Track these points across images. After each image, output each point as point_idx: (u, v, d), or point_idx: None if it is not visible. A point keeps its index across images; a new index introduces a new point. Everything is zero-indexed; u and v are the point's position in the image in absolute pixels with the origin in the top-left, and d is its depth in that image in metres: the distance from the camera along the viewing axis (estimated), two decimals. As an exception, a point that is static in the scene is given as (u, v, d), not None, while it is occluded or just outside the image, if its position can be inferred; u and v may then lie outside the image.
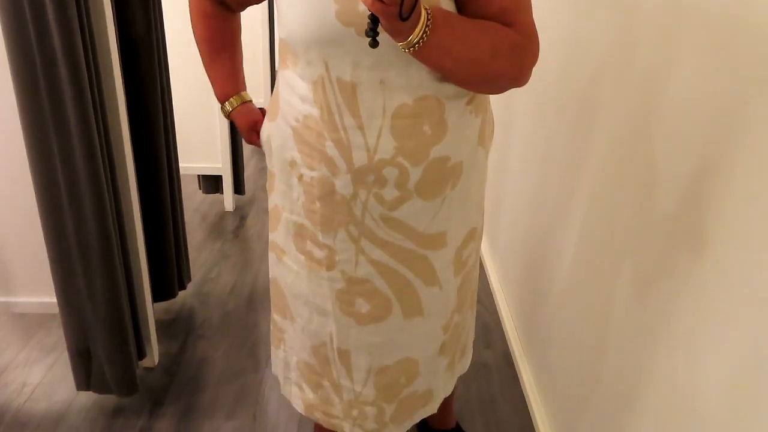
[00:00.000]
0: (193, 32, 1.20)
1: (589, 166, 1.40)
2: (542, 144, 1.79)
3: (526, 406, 1.78)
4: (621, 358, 1.19)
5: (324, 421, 1.30)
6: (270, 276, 1.28)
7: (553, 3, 1.70)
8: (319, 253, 1.10)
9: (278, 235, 1.17)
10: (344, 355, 1.18)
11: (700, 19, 0.95)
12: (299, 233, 1.11)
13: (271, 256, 1.23)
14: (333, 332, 1.16)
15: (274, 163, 1.13)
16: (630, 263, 1.17)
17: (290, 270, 1.17)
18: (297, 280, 1.16)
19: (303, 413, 1.32)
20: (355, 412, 1.24)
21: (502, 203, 2.23)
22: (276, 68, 2.80)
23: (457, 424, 1.64)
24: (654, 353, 1.05)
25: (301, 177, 1.06)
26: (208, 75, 1.22)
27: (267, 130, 1.13)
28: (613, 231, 1.25)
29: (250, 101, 1.24)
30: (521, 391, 1.84)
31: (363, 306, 1.12)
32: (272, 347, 1.36)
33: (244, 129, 1.22)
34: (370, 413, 1.24)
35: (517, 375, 1.90)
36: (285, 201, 1.12)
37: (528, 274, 1.91)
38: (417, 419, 1.31)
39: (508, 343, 2.04)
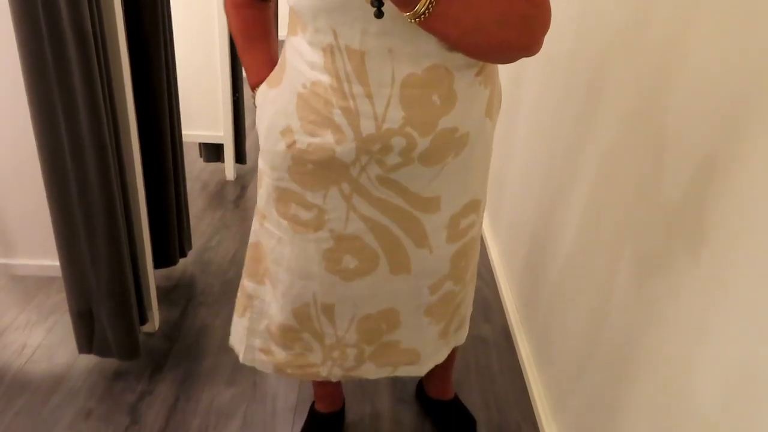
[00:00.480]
0: (228, 22, 1.18)
1: (595, 144, 1.40)
2: (549, 120, 1.78)
3: (523, 380, 1.79)
4: (616, 336, 1.20)
5: (297, 374, 1.30)
6: (251, 240, 1.26)
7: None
8: (305, 215, 1.09)
9: (260, 200, 1.17)
10: (328, 309, 1.19)
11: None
12: (282, 198, 1.11)
13: (255, 220, 1.23)
14: (316, 292, 1.17)
15: (261, 130, 1.12)
16: (631, 242, 1.17)
17: (271, 235, 1.17)
18: (278, 246, 1.16)
19: (272, 372, 1.32)
20: (336, 354, 1.26)
21: (506, 178, 2.22)
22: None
23: (456, 396, 1.65)
24: (649, 332, 1.06)
25: (292, 143, 1.04)
26: (243, 63, 1.19)
27: (265, 95, 1.11)
28: (616, 210, 1.25)
29: None
30: (519, 364, 1.85)
31: (351, 262, 1.12)
32: (235, 316, 1.34)
33: None
34: (350, 353, 1.26)
35: (515, 349, 1.92)
36: (267, 166, 1.11)
37: (529, 250, 1.91)
38: (400, 372, 1.31)
39: (507, 318, 2.05)
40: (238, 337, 1.34)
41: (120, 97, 1.53)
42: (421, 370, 1.33)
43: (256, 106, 1.16)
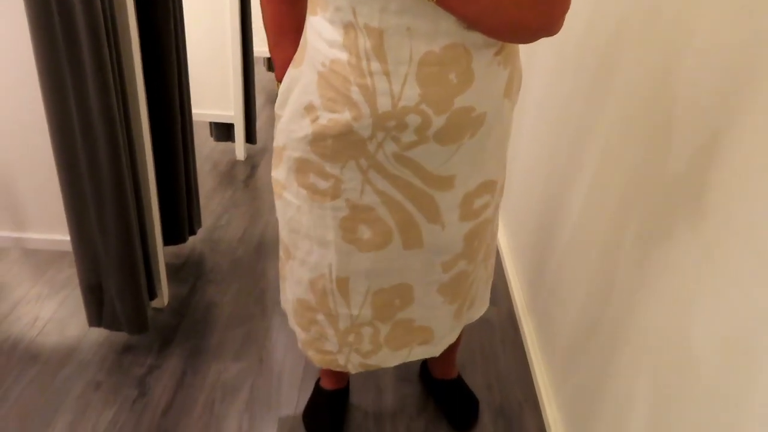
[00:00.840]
0: (262, 15, 1.19)
1: (602, 128, 1.40)
2: (559, 103, 1.77)
3: (526, 361, 1.81)
4: (614, 315, 1.21)
5: (317, 359, 1.34)
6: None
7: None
8: (323, 184, 1.11)
9: (280, 172, 1.19)
10: (342, 283, 1.21)
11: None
12: (301, 168, 1.13)
13: (275, 194, 1.26)
14: (333, 262, 1.18)
15: (285, 109, 1.14)
16: (634, 226, 1.17)
17: (290, 205, 1.19)
18: (297, 215, 1.18)
19: (300, 347, 1.36)
20: (351, 338, 1.28)
21: (515, 162, 2.22)
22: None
23: (459, 376, 1.67)
24: (646, 309, 1.06)
25: (316, 119, 1.06)
26: (272, 57, 1.21)
27: (288, 74, 1.13)
28: (620, 194, 1.25)
29: None
30: (522, 346, 1.87)
31: (365, 233, 1.14)
32: (280, 281, 1.38)
33: None
34: (366, 334, 1.27)
35: (519, 332, 1.93)
36: (289, 140, 1.13)
37: (536, 235, 1.92)
38: (415, 355, 1.34)
39: (513, 301, 2.06)
40: (286, 304, 1.39)
41: (130, 74, 1.54)
42: (435, 350, 1.35)
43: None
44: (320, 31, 1.01)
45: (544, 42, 1.92)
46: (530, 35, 0.95)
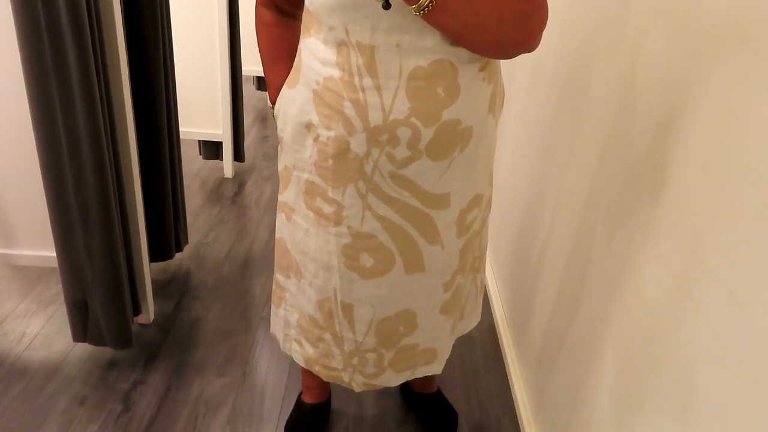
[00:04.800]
0: (257, 40, 1.24)
1: (577, 147, 1.45)
2: (536, 119, 1.82)
3: (506, 375, 1.84)
4: (584, 323, 1.25)
5: (323, 374, 1.37)
6: (276, 236, 1.33)
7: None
8: (327, 209, 1.15)
9: (289, 194, 1.23)
10: (347, 309, 1.24)
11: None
12: (309, 190, 1.17)
13: (280, 216, 1.29)
14: (337, 287, 1.22)
15: (287, 129, 1.18)
16: (603, 248, 1.21)
17: (299, 227, 1.22)
18: (305, 237, 1.22)
19: (304, 366, 1.39)
20: (355, 360, 1.31)
21: (496, 176, 2.27)
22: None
23: (439, 390, 1.70)
24: (616, 321, 1.10)
25: (317, 137, 1.11)
26: (267, 79, 1.25)
27: (285, 95, 1.17)
28: (591, 212, 1.30)
29: None
30: (502, 361, 1.90)
31: (367, 261, 1.18)
32: (273, 306, 1.42)
33: None
34: (370, 359, 1.31)
35: (499, 345, 1.96)
36: (296, 160, 1.17)
37: (515, 249, 1.96)
38: (419, 374, 1.37)
39: (493, 315, 2.10)
40: (279, 326, 1.42)
41: (117, 92, 1.58)
42: (439, 368, 1.39)
43: (275, 118, 1.22)
44: (315, 52, 1.06)
45: (522, 62, 1.98)
46: (511, 50, 1.01)
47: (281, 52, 1.23)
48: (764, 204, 0.73)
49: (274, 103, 1.23)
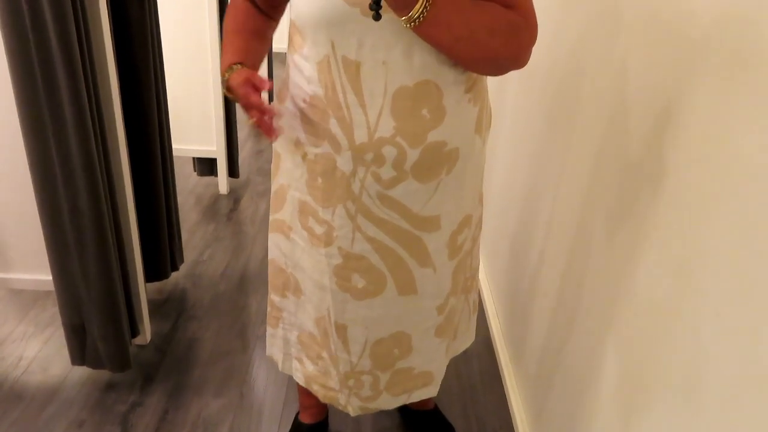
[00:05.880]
0: (225, 17, 1.18)
1: (570, 160, 1.46)
2: (529, 137, 1.84)
3: (503, 390, 1.85)
4: (580, 337, 1.26)
5: (321, 394, 1.37)
6: (269, 257, 1.33)
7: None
8: (319, 230, 1.16)
9: (285, 213, 1.23)
10: (341, 329, 1.24)
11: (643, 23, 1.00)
12: (303, 210, 1.17)
13: (273, 237, 1.29)
14: (330, 307, 1.22)
15: (280, 143, 1.18)
16: (599, 258, 1.23)
17: (297, 245, 1.23)
18: (303, 255, 1.22)
19: (303, 385, 1.39)
20: (351, 382, 1.31)
21: (489, 193, 2.28)
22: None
23: (436, 406, 1.71)
24: (609, 338, 1.12)
25: (305, 155, 1.11)
26: (222, 57, 1.15)
27: (277, 110, 1.17)
28: (586, 222, 1.31)
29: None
30: (499, 375, 1.91)
31: (359, 281, 1.18)
32: (269, 328, 1.42)
33: (239, 84, 1.05)
34: (366, 381, 1.31)
35: (496, 360, 1.97)
36: (291, 179, 1.18)
37: (510, 263, 1.97)
38: (415, 397, 1.37)
39: (490, 330, 2.11)
40: (277, 347, 1.42)
41: (109, 114, 1.58)
42: (435, 390, 1.39)
43: (222, 88, 1.12)
44: (301, 69, 1.07)
45: (513, 76, 1.99)
46: (502, 64, 1.01)
47: (243, 27, 1.16)
48: (758, 199, 0.74)
49: (223, 73, 1.11)
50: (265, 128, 1.04)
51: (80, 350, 1.71)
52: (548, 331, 1.53)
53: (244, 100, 1.04)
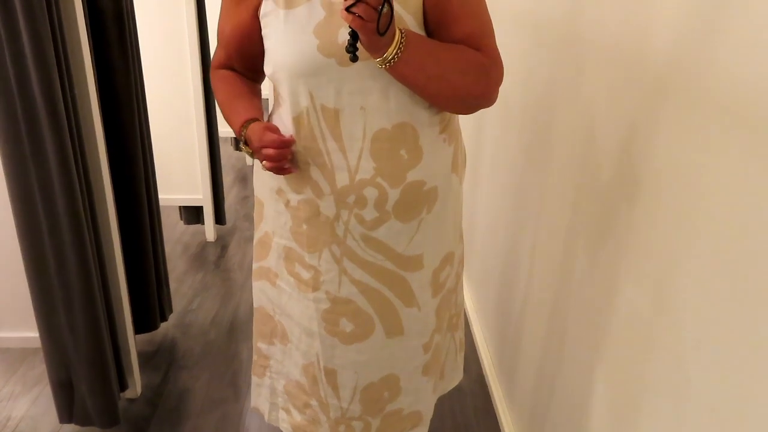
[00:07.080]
0: (214, 93, 1.20)
1: (548, 191, 1.49)
2: (508, 172, 1.87)
3: (498, 428, 1.83)
4: (575, 367, 1.26)
5: None
6: (255, 305, 1.34)
7: (509, 40, 1.80)
8: (305, 275, 1.17)
9: (270, 260, 1.24)
10: (330, 374, 1.24)
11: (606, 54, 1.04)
12: (288, 256, 1.19)
13: (259, 284, 1.30)
14: (319, 352, 1.23)
15: (262, 192, 1.21)
16: (582, 284, 1.24)
17: (284, 291, 1.24)
18: (290, 301, 1.23)
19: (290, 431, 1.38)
20: (342, 428, 1.30)
21: (474, 232, 2.31)
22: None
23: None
24: (600, 360, 1.12)
25: (288, 203, 1.14)
26: (227, 119, 1.15)
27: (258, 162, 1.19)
28: (568, 250, 1.33)
29: None
30: (494, 413, 1.90)
31: (347, 326, 1.19)
32: (254, 378, 1.41)
33: (261, 130, 1.06)
34: (357, 427, 1.30)
35: (489, 396, 1.96)
36: (275, 227, 1.20)
37: (499, 300, 1.98)
38: None
39: (482, 366, 2.10)
40: (263, 397, 1.40)
41: (95, 169, 1.60)
42: (424, 430, 1.39)
43: (245, 152, 1.13)
44: (285, 122, 1.10)
45: (491, 117, 2.04)
46: (472, 102, 1.06)
47: (240, 90, 1.17)
48: (732, 211, 0.76)
49: (239, 135, 1.12)
50: (284, 162, 1.06)
51: (68, 407, 1.69)
52: (539, 362, 1.53)
53: (266, 139, 1.04)
